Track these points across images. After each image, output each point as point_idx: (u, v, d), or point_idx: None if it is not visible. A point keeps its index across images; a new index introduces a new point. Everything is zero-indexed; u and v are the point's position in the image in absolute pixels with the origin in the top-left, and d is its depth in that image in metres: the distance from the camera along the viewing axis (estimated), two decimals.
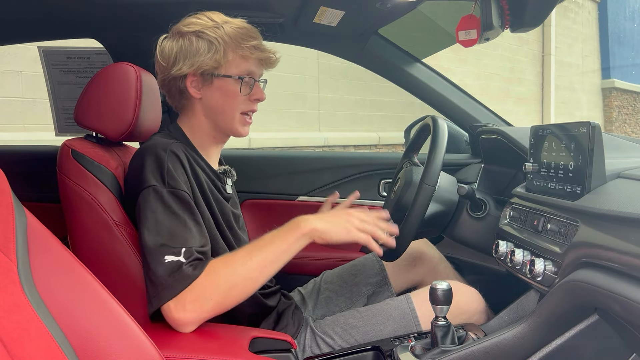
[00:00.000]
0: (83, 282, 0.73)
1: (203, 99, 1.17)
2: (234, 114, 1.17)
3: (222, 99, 1.16)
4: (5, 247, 0.64)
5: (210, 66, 1.13)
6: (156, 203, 1.01)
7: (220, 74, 1.14)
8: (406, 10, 1.50)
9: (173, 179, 1.03)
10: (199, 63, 1.12)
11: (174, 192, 1.02)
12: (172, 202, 1.01)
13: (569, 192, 0.98)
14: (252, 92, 1.18)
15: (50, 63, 1.81)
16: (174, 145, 1.09)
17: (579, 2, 9.56)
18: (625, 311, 0.75)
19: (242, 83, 1.15)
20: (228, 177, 1.26)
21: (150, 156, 1.06)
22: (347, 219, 1.05)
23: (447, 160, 1.25)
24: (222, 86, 1.15)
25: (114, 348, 0.71)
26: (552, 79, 8.56)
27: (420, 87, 1.82)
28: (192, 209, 1.04)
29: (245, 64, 1.15)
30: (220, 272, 0.97)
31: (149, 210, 1.01)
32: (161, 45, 1.17)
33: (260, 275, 1.00)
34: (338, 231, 1.03)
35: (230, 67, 1.14)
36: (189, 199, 1.04)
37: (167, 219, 1.00)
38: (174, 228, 0.99)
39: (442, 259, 1.54)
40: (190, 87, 1.16)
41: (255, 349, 0.98)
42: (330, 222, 1.04)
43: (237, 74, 1.15)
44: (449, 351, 0.99)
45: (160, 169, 1.04)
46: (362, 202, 1.95)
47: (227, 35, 1.12)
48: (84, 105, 1.17)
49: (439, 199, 1.28)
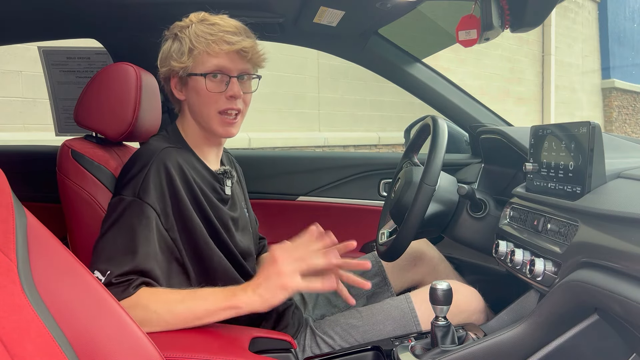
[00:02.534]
0: (83, 282, 0.72)
1: (186, 99, 1.16)
2: (210, 112, 1.13)
3: (197, 98, 1.14)
4: (5, 247, 0.64)
5: (179, 66, 1.12)
6: (116, 214, 1.01)
7: (188, 72, 1.12)
8: (406, 10, 1.50)
9: (144, 191, 1.02)
10: (171, 65, 1.13)
11: (139, 204, 1.01)
12: (132, 214, 1.00)
13: (569, 192, 0.98)
14: (227, 89, 1.12)
15: (50, 63, 1.81)
16: (165, 152, 1.08)
17: (579, 2, 9.56)
18: (625, 311, 0.75)
19: (210, 80, 1.11)
20: (227, 178, 1.23)
21: (136, 165, 1.06)
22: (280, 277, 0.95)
23: (447, 160, 1.25)
24: (194, 85, 1.13)
25: (114, 348, 0.71)
26: (552, 79, 8.56)
27: (420, 87, 1.82)
28: (148, 223, 1.01)
29: (213, 60, 1.11)
30: (139, 304, 0.93)
31: (108, 218, 1.02)
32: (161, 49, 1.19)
33: (193, 322, 0.95)
34: (273, 297, 0.95)
35: (197, 65, 1.11)
36: (150, 215, 1.01)
37: (119, 232, 0.99)
38: (117, 246, 0.98)
39: (442, 259, 1.54)
40: (174, 88, 1.16)
41: (255, 349, 0.98)
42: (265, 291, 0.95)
43: (203, 71, 1.11)
44: (449, 351, 0.99)
45: (137, 179, 1.03)
46: (362, 202, 1.96)
47: (193, 33, 1.10)
48: (83, 105, 1.17)
49: (439, 199, 1.28)
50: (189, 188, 1.09)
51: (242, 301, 0.95)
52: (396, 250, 1.23)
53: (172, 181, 1.06)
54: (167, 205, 1.05)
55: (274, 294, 0.95)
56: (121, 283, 0.94)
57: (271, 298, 0.95)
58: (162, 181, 1.05)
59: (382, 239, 1.42)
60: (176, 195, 1.07)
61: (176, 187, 1.06)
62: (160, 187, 1.04)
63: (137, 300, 0.94)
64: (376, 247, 1.42)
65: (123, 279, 0.95)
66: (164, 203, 1.05)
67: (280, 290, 0.95)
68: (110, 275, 0.94)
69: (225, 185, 1.22)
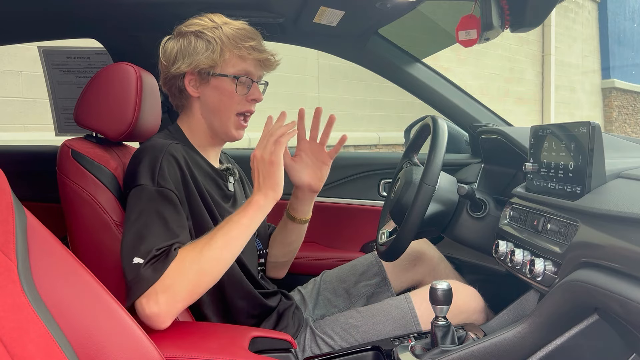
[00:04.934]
0: (83, 282, 0.73)
1: (201, 97, 1.19)
2: (230, 114, 1.18)
3: (219, 98, 1.17)
4: (5, 247, 0.64)
5: (206, 65, 1.15)
6: (141, 202, 1.02)
7: (216, 72, 1.16)
8: (406, 10, 1.50)
9: (163, 179, 1.04)
10: (197, 61, 1.14)
11: (161, 191, 1.03)
12: (157, 200, 1.02)
13: (569, 192, 0.98)
14: (249, 92, 1.19)
15: (50, 63, 1.81)
16: (172, 147, 1.10)
17: (579, 2, 9.56)
18: (625, 311, 0.75)
19: (238, 82, 1.16)
20: (230, 175, 1.27)
21: (146, 156, 1.07)
22: (274, 165, 1.04)
23: (447, 160, 1.25)
24: (219, 85, 1.17)
25: (114, 348, 0.71)
26: (552, 79, 8.56)
27: (420, 87, 1.82)
28: (175, 206, 1.04)
29: (243, 64, 1.17)
30: (186, 259, 0.96)
31: (133, 209, 1.02)
32: (164, 46, 1.20)
33: (225, 253, 1.00)
34: (272, 177, 1.04)
35: (227, 66, 1.16)
36: (173, 197, 1.04)
37: (148, 218, 1.00)
38: (151, 228, 0.99)
39: (442, 259, 1.54)
40: (189, 85, 1.18)
41: (255, 349, 0.98)
42: (265, 178, 1.04)
43: (234, 73, 1.16)
44: (449, 351, 0.99)
45: (153, 168, 1.05)
46: (362, 202, 1.96)
47: (225, 35, 1.14)
48: (83, 105, 1.17)
49: (439, 199, 1.28)
50: (196, 183, 1.12)
51: (258, 200, 1.03)
52: (396, 250, 1.24)
53: (183, 173, 1.09)
54: (182, 195, 1.08)
55: (271, 175, 1.04)
56: (162, 253, 0.96)
57: (271, 182, 1.04)
58: (176, 172, 1.08)
59: (382, 239, 1.42)
60: (187, 187, 1.10)
61: (187, 179, 1.10)
62: (175, 177, 1.07)
63: (181, 258, 0.96)
64: (376, 247, 1.42)
65: (163, 249, 0.97)
66: (180, 192, 1.07)
67: (272, 170, 1.03)
68: (151, 254, 0.95)
69: (228, 182, 1.26)
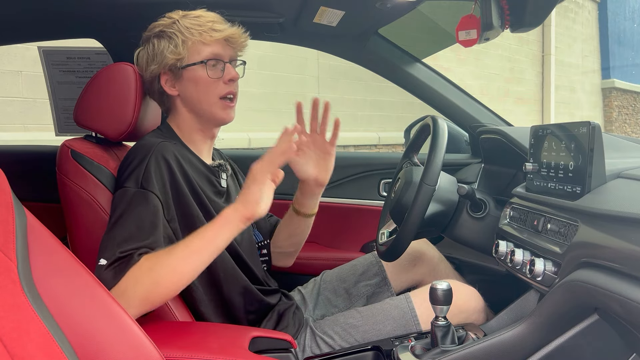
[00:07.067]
0: (83, 282, 0.73)
1: (180, 94, 1.19)
2: (211, 100, 1.18)
3: (195, 88, 1.17)
4: (5, 247, 0.64)
5: (173, 59, 1.15)
6: (122, 204, 1.02)
7: (184, 64, 1.16)
8: (406, 10, 1.50)
9: (147, 181, 1.04)
10: (164, 59, 1.15)
11: (143, 193, 1.03)
12: (136, 203, 1.02)
13: (569, 192, 0.98)
14: (224, 74, 1.18)
15: (50, 63, 1.81)
16: (162, 145, 1.10)
17: (579, 2, 9.55)
18: (625, 311, 0.75)
19: (208, 67, 1.16)
20: (223, 172, 1.27)
21: (134, 158, 1.08)
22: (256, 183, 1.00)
23: (447, 160, 1.25)
24: (192, 76, 1.17)
25: (114, 348, 0.71)
26: (552, 79, 8.55)
27: (420, 87, 1.82)
28: (155, 210, 1.03)
29: (208, 48, 1.16)
30: (143, 266, 0.94)
31: (115, 210, 1.02)
32: (136, 57, 1.21)
33: (183, 265, 0.96)
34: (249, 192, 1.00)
35: (193, 55, 1.16)
36: (154, 200, 1.04)
37: (124, 220, 1.00)
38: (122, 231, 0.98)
39: (442, 259, 1.54)
40: (166, 85, 1.18)
41: (255, 349, 0.98)
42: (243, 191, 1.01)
43: (201, 59, 1.16)
44: (449, 351, 0.99)
45: (139, 170, 1.05)
46: (362, 202, 1.96)
47: (183, 27, 1.15)
48: (83, 105, 1.17)
49: (439, 199, 1.28)
50: (187, 180, 1.12)
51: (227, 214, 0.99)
52: (396, 250, 1.24)
53: (172, 173, 1.09)
54: (168, 196, 1.07)
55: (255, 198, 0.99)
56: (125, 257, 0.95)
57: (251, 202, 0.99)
58: (163, 172, 1.07)
59: (382, 239, 1.42)
60: (177, 187, 1.09)
61: (176, 178, 1.09)
62: (162, 178, 1.07)
63: (139, 265, 0.94)
64: (376, 247, 1.42)
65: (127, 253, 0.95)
66: (165, 194, 1.07)
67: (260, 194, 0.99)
68: (114, 256, 0.94)
69: (221, 178, 1.25)
